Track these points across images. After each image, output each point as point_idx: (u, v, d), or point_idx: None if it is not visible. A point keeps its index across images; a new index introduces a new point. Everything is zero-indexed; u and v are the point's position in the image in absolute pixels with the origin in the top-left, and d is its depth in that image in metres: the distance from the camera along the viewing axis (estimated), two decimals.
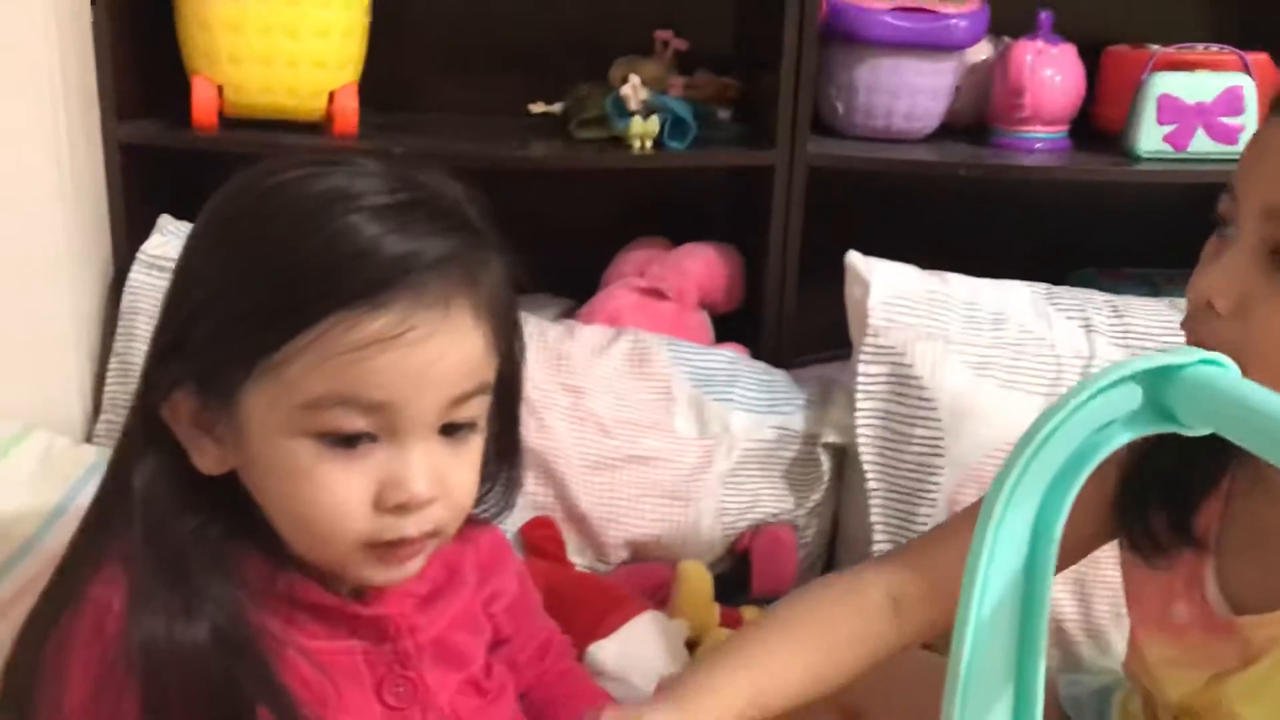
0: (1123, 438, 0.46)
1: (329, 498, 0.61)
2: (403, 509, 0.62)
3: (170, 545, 0.62)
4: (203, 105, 1.29)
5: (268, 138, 1.31)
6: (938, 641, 0.92)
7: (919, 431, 1.23)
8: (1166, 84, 1.42)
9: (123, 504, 0.64)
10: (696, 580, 1.17)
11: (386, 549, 0.63)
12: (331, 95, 1.32)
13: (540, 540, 1.19)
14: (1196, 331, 0.72)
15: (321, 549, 0.64)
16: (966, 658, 0.46)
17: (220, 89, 1.30)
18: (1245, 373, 0.64)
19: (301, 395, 0.60)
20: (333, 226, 0.60)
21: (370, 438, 0.61)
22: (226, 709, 0.61)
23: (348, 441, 0.61)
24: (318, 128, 1.35)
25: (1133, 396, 0.46)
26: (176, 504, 0.63)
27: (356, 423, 0.61)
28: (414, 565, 0.65)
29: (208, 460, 0.64)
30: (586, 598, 1.09)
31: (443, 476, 0.63)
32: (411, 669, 0.68)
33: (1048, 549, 0.47)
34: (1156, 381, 0.45)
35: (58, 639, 0.63)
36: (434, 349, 0.61)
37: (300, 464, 0.61)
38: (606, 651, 1.06)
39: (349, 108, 1.33)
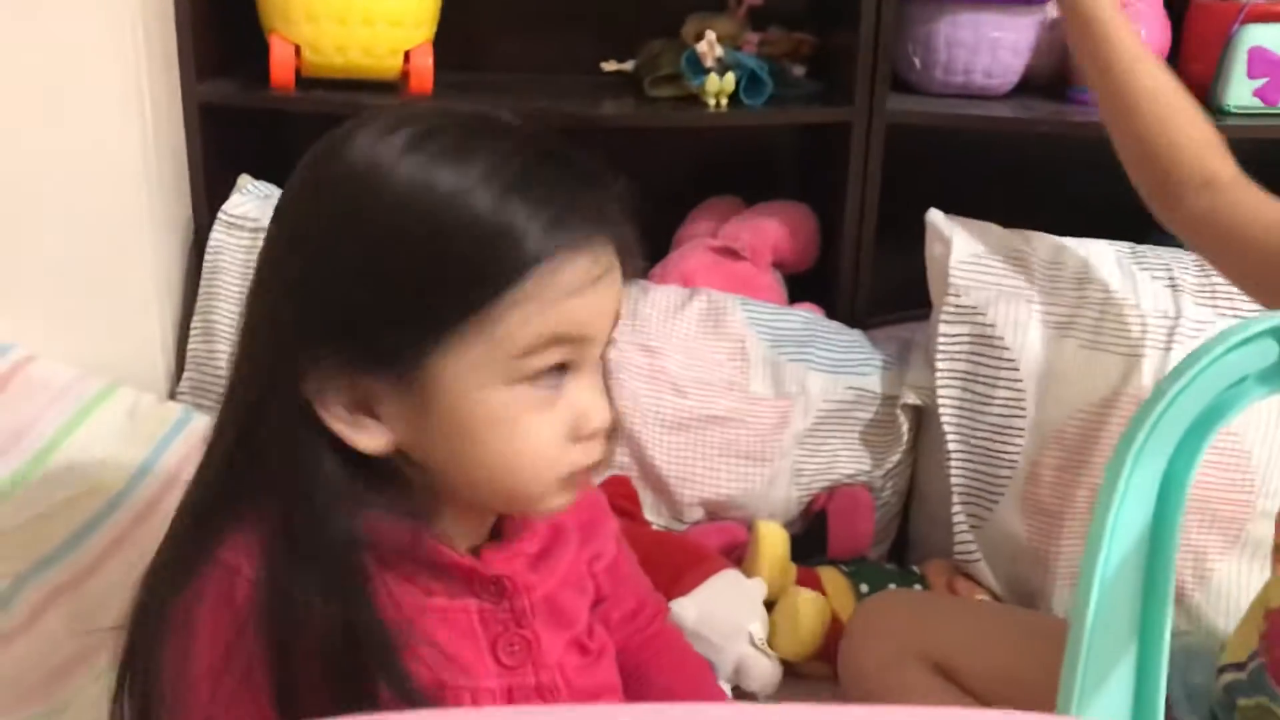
0: (1257, 394, 0.45)
1: (536, 438, 0.64)
2: (593, 436, 0.66)
3: (320, 523, 0.62)
4: (280, 65, 1.30)
5: (344, 97, 1.31)
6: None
7: (1000, 393, 1.21)
8: (1257, 36, 1.37)
9: (258, 476, 0.64)
10: (773, 540, 1.17)
11: (575, 478, 0.66)
12: (407, 54, 1.32)
13: (617, 499, 1.20)
14: None
15: (523, 490, 0.66)
16: (1091, 613, 0.45)
17: (297, 48, 1.30)
18: None
19: (515, 345, 0.62)
20: (506, 184, 0.61)
21: (563, 372, 0.64)
22: (351, 684, 0.61)
23: (551, 379, 0.64)
24: (393, 87, 1.35)
25: (1268, 352, 0.45)
26: (333, 486, 0.63)
27: (559, 359, 0.64)
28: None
29: (372, 440, 0.64)
30: (665, 555, 1.10)
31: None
32: (526, 627, 0.69)
33: (1176, 506, 0.46)
34: None
35: (185, 601, 0.63)
36: (614, 281, 0.66)
37: (508, 412, 0.63)
38: (685, 609, 1.07)
39: (424, 66, 1.33)
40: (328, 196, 0.63)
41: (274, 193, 1.33)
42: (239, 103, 1.33)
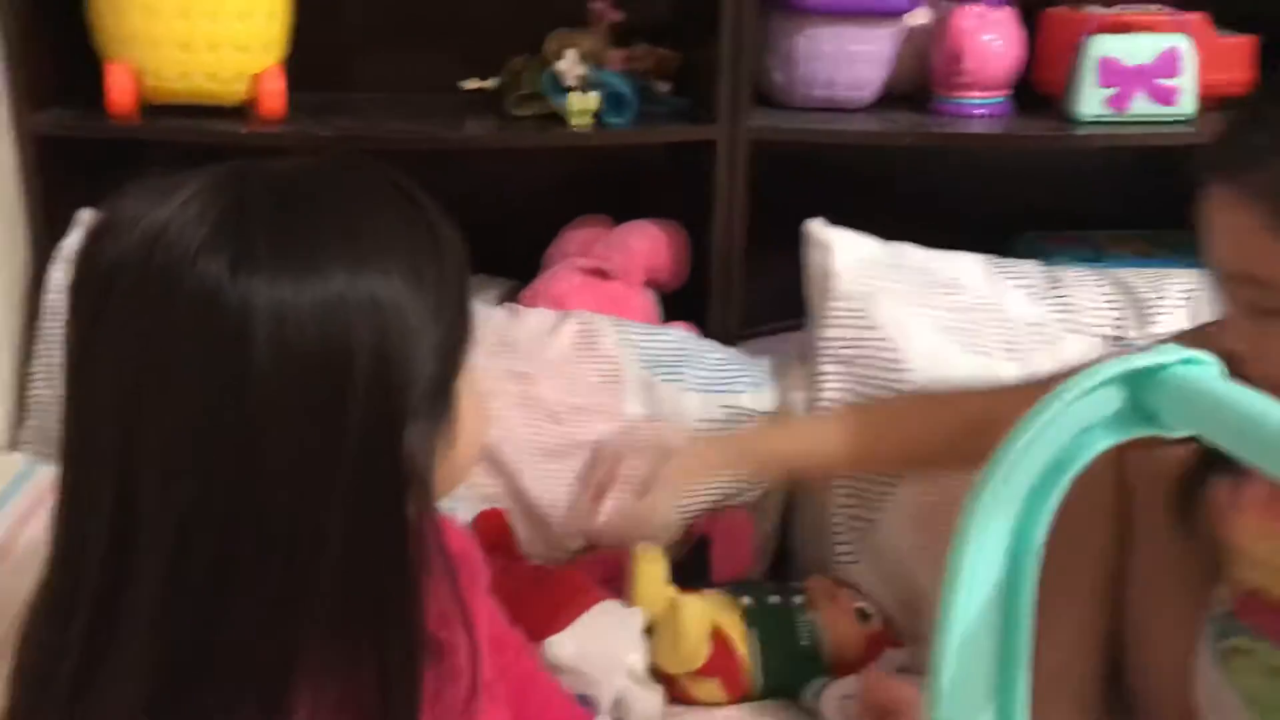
0: (1105, 442, 0.44)
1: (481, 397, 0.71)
2: None
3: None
4: (119, 92, 1.24)
5: (190, 124, 1.26)
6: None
7: (886, 395, 1.22)
8: (1106, 46, 1.41)
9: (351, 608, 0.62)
10: (651, 567, 1.15)
11: None
12: (256, 78, 1.27)
13: (491, 534, 1.17)
14: (1241, 375, 0.78)
15: (479, 454, 0.73)
16: (946, 677, 0.44)
17: (138, 75, 1.24)
18: None
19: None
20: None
21: None
22: None
23: None
24: (242, 112, 1.30)
25: (1114, 399, 0.44)
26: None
27: None
28: None
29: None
30: (542, 591, 1.07)
31: None
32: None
33: (1028, 560, 0.45)
34: (1138, 383, 0.43)
35: None
36: None
37: (475, 389, 0.69)
38: (563, 645, 1.04)
39: (275, 90, 1.28)
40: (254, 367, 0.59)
41: None
42: (76, 133, 1.27)
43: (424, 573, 0.63)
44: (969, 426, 0.94)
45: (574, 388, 1.25)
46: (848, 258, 1.27)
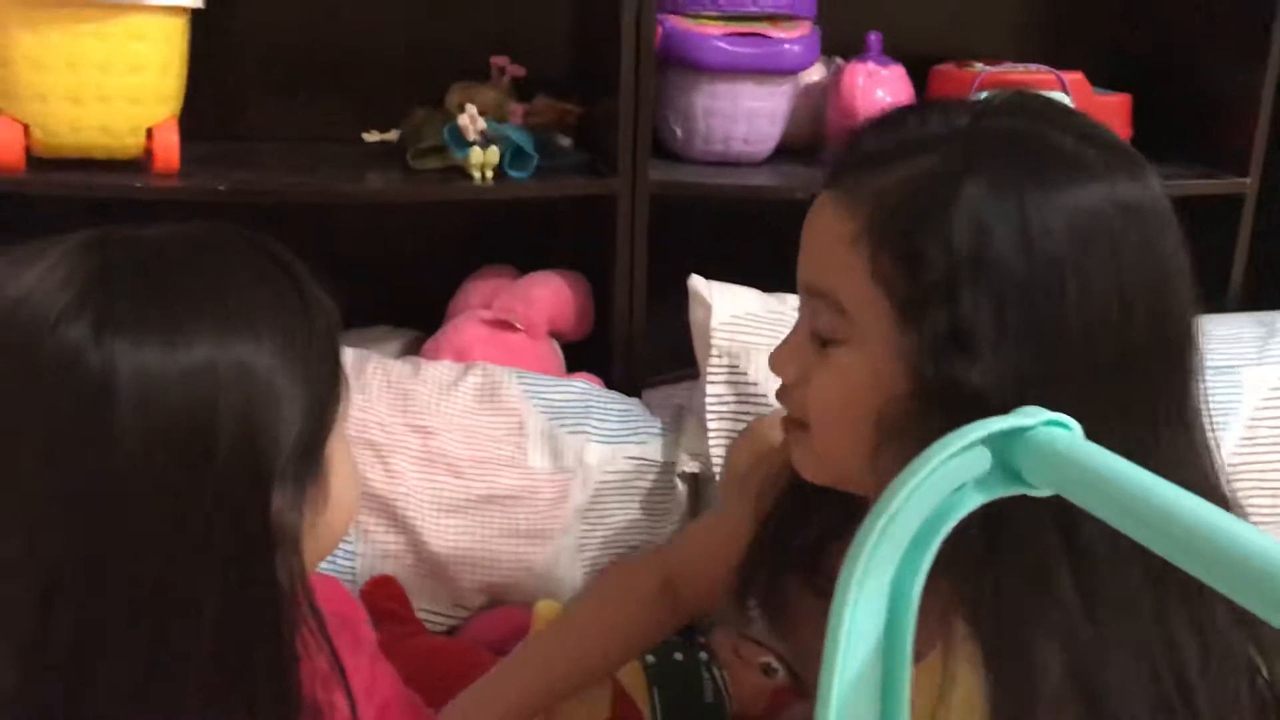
0: (975, 500, 0.46)
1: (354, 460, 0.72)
2: None
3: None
4: (7, 146, 1.21)
5: (81, 178, 1.24)
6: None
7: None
8: None
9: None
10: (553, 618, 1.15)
11: None
12: (150, 131, 1.26)
13: (385, 601, 1.15)
14: (780, 398, 0.79)
15: (354, 513, 0.74)
16: None
17: (26, 128, 1.22)
18: (811, 433, 0.73)
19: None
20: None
21: None
22: None
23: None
24: (136, 165, 1.28)
25: (983, 459, 0.46)
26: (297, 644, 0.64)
27: None
28: None
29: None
30: (437, 666, 1.05)
31: None
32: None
33: (906, 616, 0.47)
34: (1004, 443, 0.45)
35: None
36: None
37: (348, 453, 0.70)
38: None
39: (169, 143, 1.27)
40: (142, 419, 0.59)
41: None
42: None
43: (297, 635, 0.63)
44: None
45: (476, 440, 1.25)
46: (726, 312, 1.28)
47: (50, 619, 0.58)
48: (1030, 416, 0.45)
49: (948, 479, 0.46)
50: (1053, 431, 0.45)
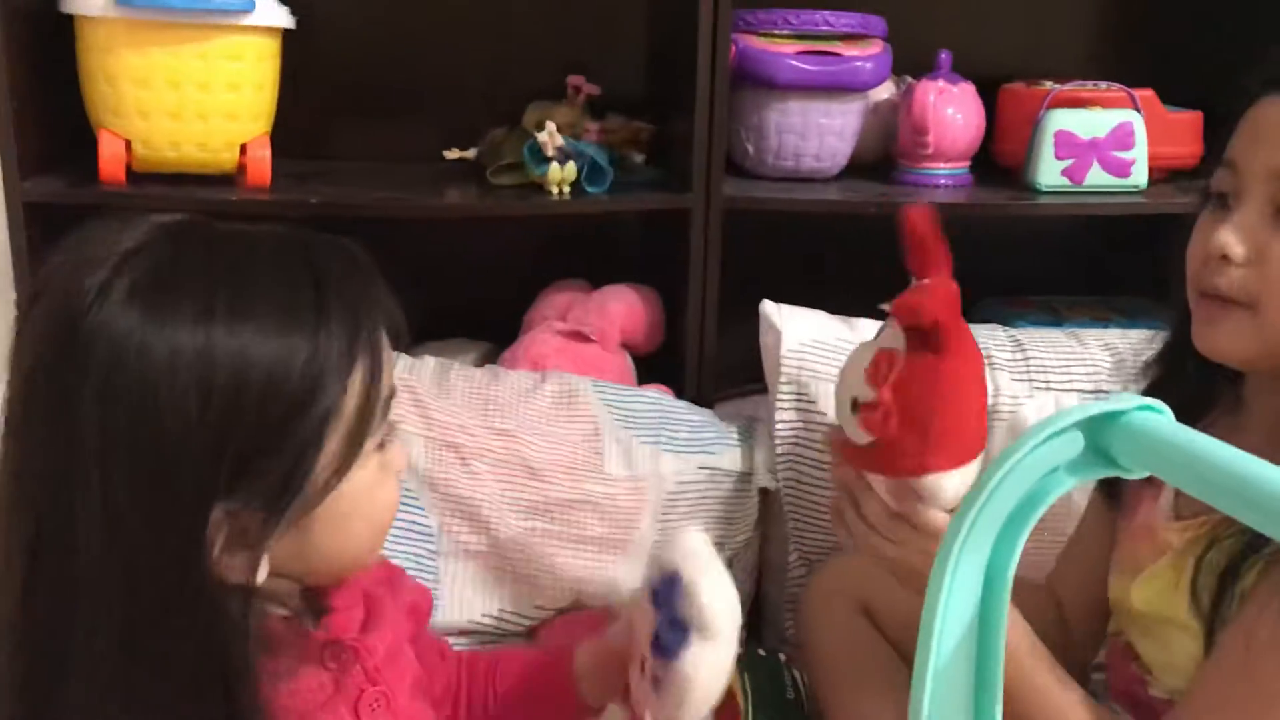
0: (1068, 483, 0.48)
1: (389, 494, 0.73)
2: (402, 473, 0.75)
3: (248, 676, 0.65)
4: (110, 160, 1.27)
5: (178, 191, 1.29)
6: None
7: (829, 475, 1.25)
8: (1062, 120, 1.48)
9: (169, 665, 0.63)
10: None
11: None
12: (243, 147, 1.31)
13: None
14: (1211, 281, 0.84)
15: (380, 541, 0.74)
16: (926, 705, 0.47)
17: (128, 143, 1.27)
18: (1260, 309, 0.81)
19: (362, 434, 0.68)
20: (293, 323, 0.65)
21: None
22: None
23: (384, 440, 0.71)
24: (230, 179, 1.34)
25: (1075, 443, 0.48)
26: (242, 642, 0.64)
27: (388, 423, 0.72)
28: None
29: (263, 573, 0.65)
30: None
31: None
32: (380, 684, 0.75)
33: (1001, 593, 0.48)
34: (1097, 428, 0.47)
35: None
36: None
37: (370, 484, 0.70)
38: None
39: (261, 159, 1.32)
40: (124, 396, 0.61)
41: None
42: (67, 200, 1.29)
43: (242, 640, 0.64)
44: None
45: (554, 446, 1.27)
46: (796, 339, 1.31)
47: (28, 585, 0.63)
48: (1124, 402, 0.47)
49: (1042, 462, 0.48)
50: (1146, 415, 0.46)
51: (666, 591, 0.78)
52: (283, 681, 0.67)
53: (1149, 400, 0.47)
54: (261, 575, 0.65)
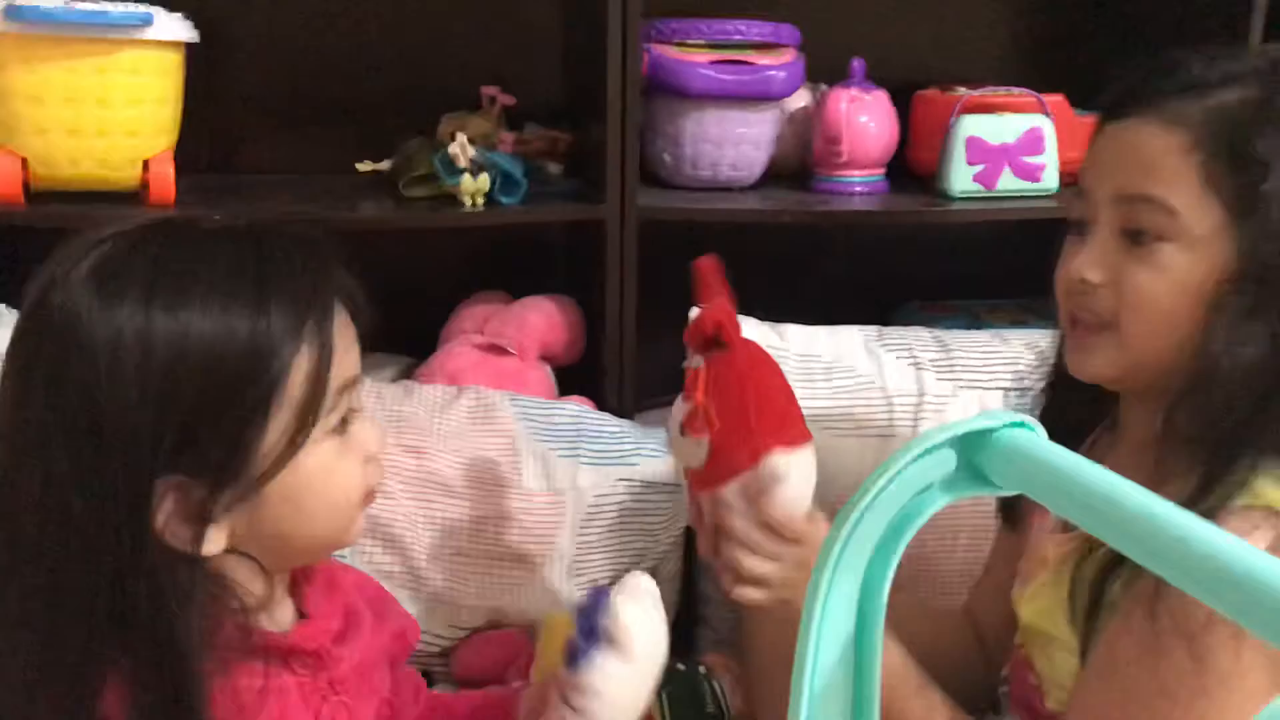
0: (941, 501, 0.48)
1: (348, 476, 0.74)
2: (375, 458, 0.77)
3: (192, 655, 0.67)
4: (6, 178, 1.23)
5: (79, 210, 1.26)
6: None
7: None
8: (973, 126, 1.49)
9: (125, 625, 0.66)
10: (563, 630, 1.15)
11: (368, 499, 0.77)
12: (146, 164, 1.28)
13: None
14: (1076, 304, 0.87)
15: (345, 525, 0.75)
16: None
17: (25, 161, 1.24)
18: (1120, 329, 0.83)
19: (317, 410, 0.70)
20: (244, 300, 0.69)
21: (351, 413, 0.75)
22: None
23: (345, 422, 0.74)
24: (133, 196, 1.30)
25: (948, 460, 0.47)
26: (190, 608, 0.67)
27: (348, 404, 0.74)
28: None
29: (213, 545, 0.69)
30: None
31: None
32: (342, 693, 0.76)
33: (876, 612, 0.48)
34: (969, 445, 0.47)
35: None
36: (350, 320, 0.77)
37: (327, 464, 0.72)
38: None
39: (165, 175, 1.29)
40: (87, 368, 0.66)
41: (2, 312, 1.26)
42: None
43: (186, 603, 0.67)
44: None
45: (470, 462, 1.26)
46: None
47: None
48: (994, 419, 0.47)
49: (915, 480, 0.48)
50: (1017, 433, 0.46)
51: (591, 606, 0.78)
52: (218, 675, 0.69)
53: (1020, 417, 0.47)
54: (212, 548, 0.68)
